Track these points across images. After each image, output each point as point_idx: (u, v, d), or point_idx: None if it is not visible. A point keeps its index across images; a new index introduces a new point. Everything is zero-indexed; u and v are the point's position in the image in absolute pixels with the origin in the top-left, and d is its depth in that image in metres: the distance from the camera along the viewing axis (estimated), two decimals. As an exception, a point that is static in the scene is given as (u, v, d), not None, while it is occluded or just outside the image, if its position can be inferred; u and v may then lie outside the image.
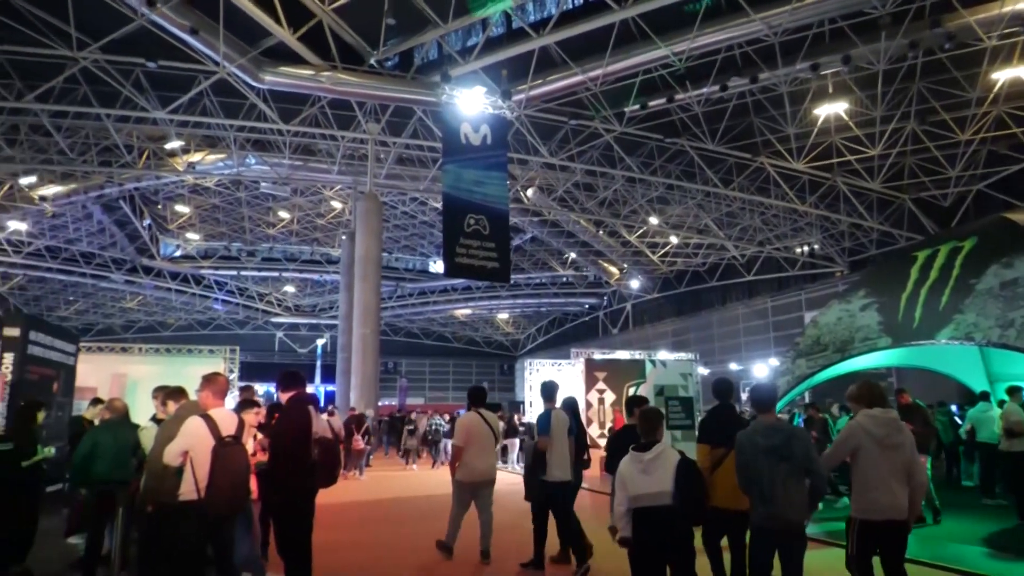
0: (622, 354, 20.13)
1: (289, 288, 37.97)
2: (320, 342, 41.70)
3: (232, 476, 4.50)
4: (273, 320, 41.22)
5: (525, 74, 15.45)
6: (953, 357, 11.92)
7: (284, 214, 27.60)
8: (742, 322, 30.10)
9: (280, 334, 43.92)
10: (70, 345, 10.71)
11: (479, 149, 15.47)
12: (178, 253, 32.01)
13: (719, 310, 31.62)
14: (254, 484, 5.16)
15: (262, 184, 22.51)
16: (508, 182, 17.21)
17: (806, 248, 25.50)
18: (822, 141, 18.50)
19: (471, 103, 15.81)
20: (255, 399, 6.37)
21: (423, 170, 20.98)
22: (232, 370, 15.51)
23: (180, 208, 26.53)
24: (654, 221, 24.97)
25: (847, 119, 17.36)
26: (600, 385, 17.79)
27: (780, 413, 11.81)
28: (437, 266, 35.09)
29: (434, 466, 17.70)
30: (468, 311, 42.28)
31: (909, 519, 4.27)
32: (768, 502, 4.09)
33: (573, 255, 32.10)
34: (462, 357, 49.01)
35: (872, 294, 10.34)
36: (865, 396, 4.56)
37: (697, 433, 5.42)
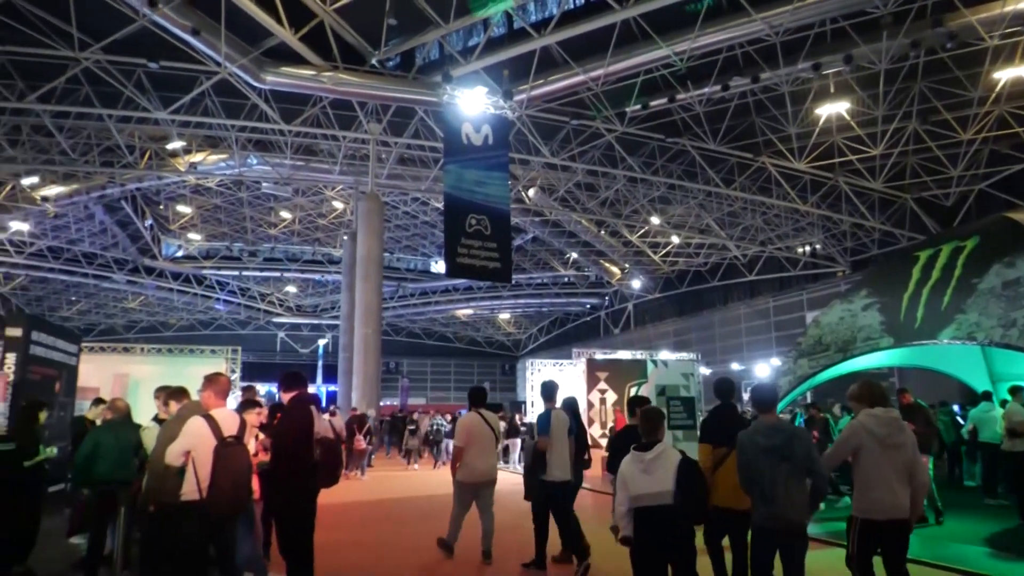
0: (624, 354, 20.15)
1: (291, 288, 37.99)
2: (322, 342, 41.75)
3: (234, 476, 4.51)
4: (275, 320, 41.25)
5: (526, 74, 15.45)
6: (955, 357, 11.90)
7: (286, 214, 27.61)
8: (744, 322, 30.06)
9: (282, 334, 43.96)
10: (72, 345, 10.72)
11: (480, 149, 15.47)
12: (180, 253, 32.05)
13: (721, 310, 31.57)
14: (256, 484, 5.16)
15: (264, 184, 22.52)
16: (509, 182, 17.20)
17: (808, 248, 25.47)
18: (824, 141, 18.47)
19: (472, 103, 15.81)
20: (257, 399, 6.37)
21: (425, 170, 20.98)
22: (234, 370, 15.52)
23: (182, 208, 26.56)
24: (655, 221, 24.94)
25: (849, 119, 17.32)
26: (602, 385, 17.79)
27: (782, 413, 11.81)
28: (439, 266, 35.11)
29: (435, 466, 17.71)
30: (470, 311, 42.26)
31: (911, 518, 4.27)
32: (769, 502, 4.10)
33: (574, 255, 32.07)
34: (464, 357, 49.00)
35: (874, 294, 10.32)
36: (866, 396, 4.56)
37: (699, 433, 5.43)
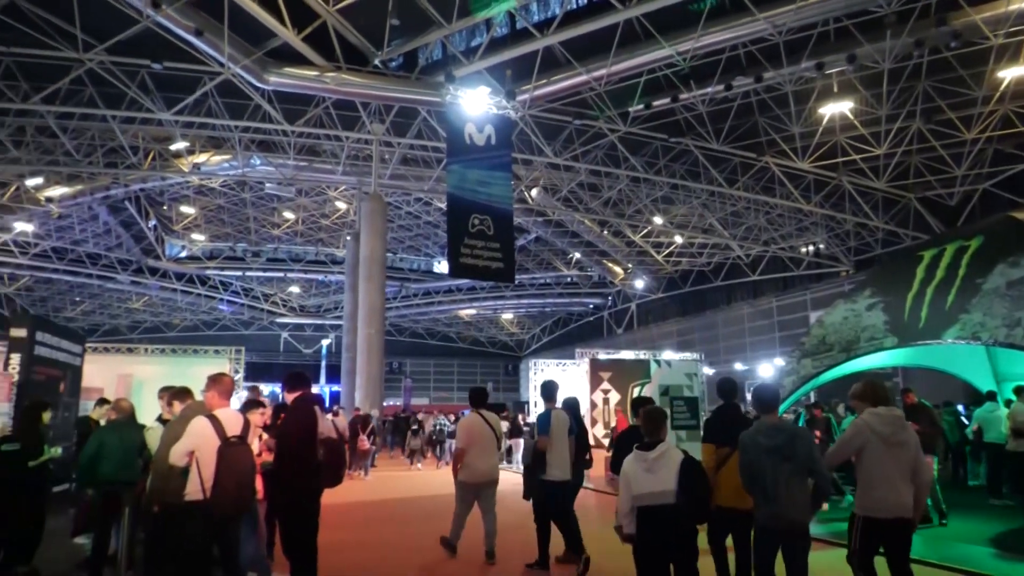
0: (627, 354, 20.17)
1: (294, 288, 38.05)
2: (325, 342, 41.82)
3: (238, 476, 4.52)
4: (278, 320, 41.32)
5: (529, 74, 15.45)
6: (959, 357, 11.87)
7: (289, 215, 27.66)
8: (747, 322, 30.01)
9: (285, 334, 44.03)
10: (76, 346, 10.77)
11: (483, 149, 15.48)
12: (183, 254, 32.12)
13: (724, 310, 31.52)
14: (260, 484, 5.17)
15: (267, 185, 22.57)
16: (512, 182, 17.20)
17: (811, 248, 25.40)
18: (827, 140, 18.42)
19: (475, 103, 15.81)
20: (260, 399, 6.38)
21: (427, 170, 20.98)
22: (237, 370, 15.59)
23: (185, 209, 26.61)
24: (658, 221, 24.91)
25: (852, 118, 17.27)
26: (605, 385, 17.81)
27: (786, 413, 11.79)
28: (442, 266, 35.14)
29: (439, 466, 17.72)
30: (473, 311, 42.27)
31: (914, 517, 4.27)
32: (771, 502, 4.10)
33: (577, 255, 32.04)
34: (467, 357, 49.00)
35: (878, 293, 10.29)
36: (869, 395, 4.57)
37: (702, 433, 5.43)
